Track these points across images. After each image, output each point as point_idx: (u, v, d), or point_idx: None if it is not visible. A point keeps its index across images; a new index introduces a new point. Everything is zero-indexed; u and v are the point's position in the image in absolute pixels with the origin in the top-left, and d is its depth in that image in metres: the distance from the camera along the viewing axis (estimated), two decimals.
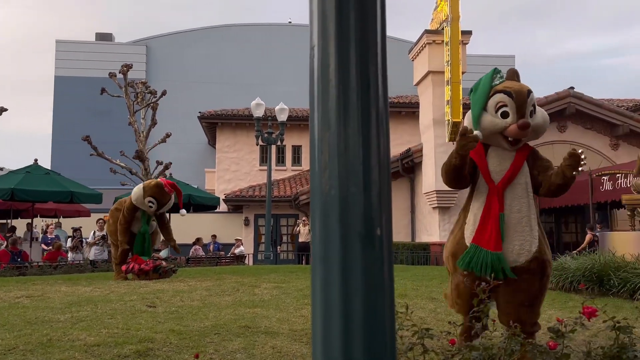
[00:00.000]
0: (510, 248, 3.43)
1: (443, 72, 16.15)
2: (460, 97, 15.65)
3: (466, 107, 20.51)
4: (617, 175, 12.98)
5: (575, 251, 12.40)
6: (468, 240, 3.52)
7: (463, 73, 16.00)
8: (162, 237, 17.59)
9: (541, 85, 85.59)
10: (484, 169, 3.63)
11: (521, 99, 3.58)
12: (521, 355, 2.43)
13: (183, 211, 9.51)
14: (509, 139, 3.56)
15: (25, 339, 3.65)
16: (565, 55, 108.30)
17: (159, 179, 8.60)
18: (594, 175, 13.58)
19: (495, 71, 3.74)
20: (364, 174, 1.32)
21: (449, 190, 16.48)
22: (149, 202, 8.23)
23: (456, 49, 15.68)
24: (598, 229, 14.03)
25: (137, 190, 8.42)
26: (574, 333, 2.61)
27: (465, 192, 4.05)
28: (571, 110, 17.09)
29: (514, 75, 3.79)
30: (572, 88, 17.47)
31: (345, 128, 1.33)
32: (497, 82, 3.66)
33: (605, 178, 13.90)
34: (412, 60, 18.01)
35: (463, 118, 15.91)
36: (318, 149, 1.36)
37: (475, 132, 3.47)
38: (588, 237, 13.38)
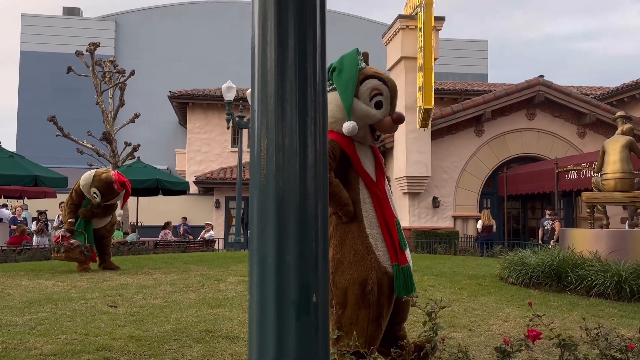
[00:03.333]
0: (409, 256, 3.18)
1: (416, 58, 16.18)
2: (432, 84, 15.71)
3: (438, 93, 20.57)
4: (582, 167, 13.28)
5: (553, 241, 12.72)
6: (385, 262, 3.04)
7: (435, 59, 16.05)
8: (130, 221, 17.42)
9: (516, 68, 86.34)
10: (363, 172, 3.15)
11: (394, 88, 3.28)
12: None
13: (120, 212, 9.20)
14: (377, 133, 3.22)
15: None
16: (541, 39, 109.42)
17: (111, 173, 8.25)
18: (559, 171, 13.87)
19: (358, 52, 3.33)
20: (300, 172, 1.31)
21: (419, 176, 16.67)
22: (94, 192, 7.98)
23: (429, 35, 15.69)
24: (549, 217, 14.42)
25: (87, 176, 8.10)
26: (520, 352, 2.68)
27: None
28: (540, 98, 17.33)
29: (367, 59, 3.41)
30: (542, 76, 17.70)
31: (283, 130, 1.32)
32: (363, 66, 3.28)
33: (571, 166, 14.22)
34: (386, 45, 17.97)
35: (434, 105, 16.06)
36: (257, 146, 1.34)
37: (350, 124, 3.07)
38: (557, 225, 13.70)
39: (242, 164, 15.83)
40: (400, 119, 3.17)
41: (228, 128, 17.57)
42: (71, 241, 7.81)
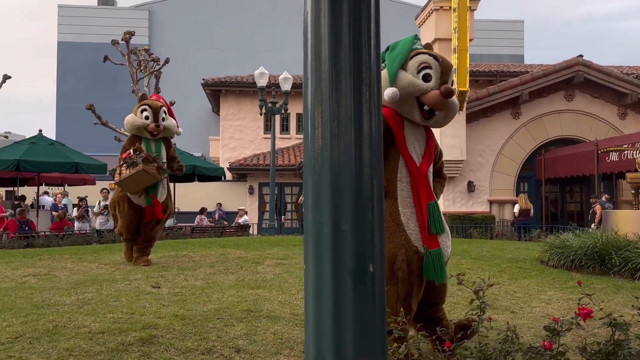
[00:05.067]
0: (444, 242, 3.15)
1: (450, 40, 15.89)
2: (467, 66, 15.43)
3: (473, 75, 20.14)
4: (624, 147, 12.88)
5: (593, 225, 12.41)
6: (416, 241, 3.04)
7: (470, 40, 15.74)
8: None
9: (554, 50, 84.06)
10: (405, 150, 3.13)
11: (447, 65, 3.23)
12: None
13: (180, 130, 7.38)
14: (424, 108, 3.15)
15: (32, 325, 3.72)
16: (581, 18, 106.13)
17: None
18: (601, 151, 13.48)
19: (416, 37, 3.37)
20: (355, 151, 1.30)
21: (454, 160, 16.43)
22: (143, 110, 6.86)
23: (464, 16, 15.38)
24: (603, 199, 13.97)
25: (127, 117, 7.03)
26: (570, 331, 2.63)
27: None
28: (579, 78, 16.84)
29: (430, 48, 3.44)
30: (581, 56, 17.17)
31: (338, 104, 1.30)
32: (419, 47, 3.31)
33: (613, 147, 13.81)
34: (419, 27, 17.70)
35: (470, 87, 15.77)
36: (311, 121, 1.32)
37: (390, 90, 3.03)
38: (598, 208, 13.34)
39: (275, 150, 15.89)
40: (449, 92, 3.07)
41: (261, 114, 17.62)
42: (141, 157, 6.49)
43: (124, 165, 6.53)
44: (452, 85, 3.25)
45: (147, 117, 6.82)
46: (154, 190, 6.71)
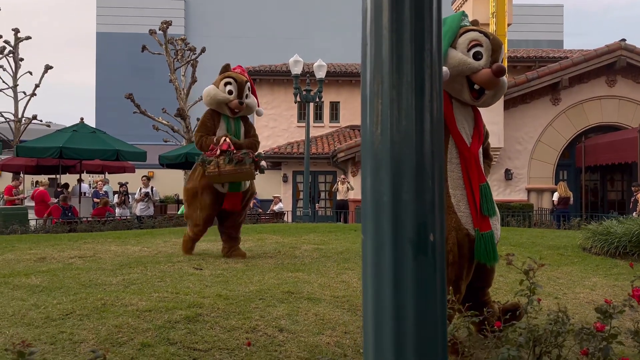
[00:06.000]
0: (494, 224, 3.09)
1: (488, 25, 15.58)
2: (506, 51, 15.13)
3: (511, 61, 19.74)
4: None
5: (635, 213, 12.07)
6: (467, 223, 2.99)
7: (509, 25, 15.44)
8: None
9: (595, 36, 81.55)
10: (455, 130, 3.07)
11: (497, 42, 3.12)
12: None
13: (261, 110, 6.59)
14: (475, 87, 3.06)
15: (81, 303, 3.84)
16: (622, 3, 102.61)
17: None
18: None
19: (464, 14, 3.29)
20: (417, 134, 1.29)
21: (492, 147, 16.12)
22: (227, 84, 6.01)
23: (502, 0, 15.06)
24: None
25: (208, 89, 6.13)
26: (622, 314, 2.57)
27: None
28: (622, 63, 16.33)
29: (477, 25, 3.34)
30: (624, 40, 16.63)
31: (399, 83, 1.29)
32: (467, 24, 3.23)
33: None
34: (455, 12, 17.39)
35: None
36: (370, 103, 1.32)
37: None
38: None
39: (309, 139, 15.91)
40: (500, 71, 2.99)
41: (295, 102, 17.69)
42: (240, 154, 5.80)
43: (225, 158, 5.73)
44: (502, 63, 3.17)
45: (230, 92, 5.99)
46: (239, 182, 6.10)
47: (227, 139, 5.91)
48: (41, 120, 21.88)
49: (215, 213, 6.17)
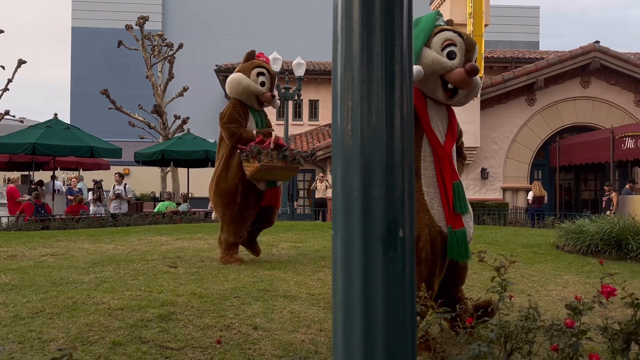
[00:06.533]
0: (467, 222, 3.12)
1: (465, 25, 15.72)
2: (482, 52, 15.28)
3: (487, 61, 19.87)
4: None
5: (610, 212, 12.29)
6: (439, 221, 3.01)
7: (486, 26, 15.58)
8: (181, 192, 17.79)
9: (571, 37, 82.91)
10: (429, 129, 3.08)
11: (471, 42, 3.15)
12: None
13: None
14: (449, 86, 3.09)
15: (51, 301, 3.77)
16: (597, 5, 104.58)
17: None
18: (617, 137, 13.32)
19: (438, 13, 3.31)
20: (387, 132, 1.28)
21: (467, 146, 16.24)
22: (260, 74, 5.53)
23: (479, 1, 15.21)
24: (627, 187, 13.78)
25: (238, 78, 5.54)
26: (592, 310, 2.61)
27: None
28: (596, 65, 16.63)
29: (452, 24, 3.36)
30: (598, 42, 16.93)
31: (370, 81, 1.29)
32: (441, 23, 3.25)
33: (630, 132, 13.64)
34: (433, 11, 17.51)
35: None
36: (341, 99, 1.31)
37: (415, 67, 2.96)
38: (614, 195, 13.22)
39: (288, 137, 15.87)
40: (474, 70, 3.02)
41: None
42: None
43: (280, 154, 5.34)
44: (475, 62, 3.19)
45: (262, 84, 5.54)
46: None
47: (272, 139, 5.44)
48: (14, 116, 21.43)
49: (257, 211, 5.65)
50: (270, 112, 23.12)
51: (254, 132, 5.47)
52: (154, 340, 3.18)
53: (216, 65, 23.44)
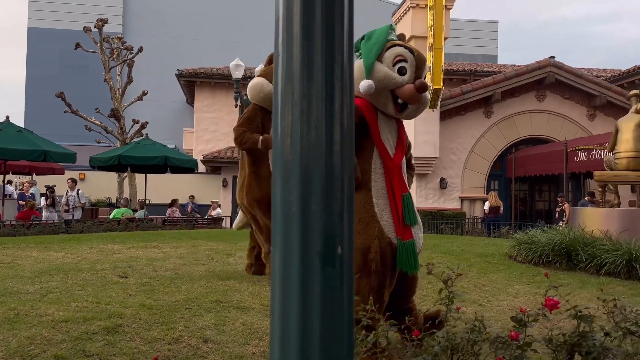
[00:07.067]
0: (417, 233, 3.16)
1: (426, 38, 15.99)
2: (442, 64, 15.56)
3: (447, 74, 20.22)
4: (593, 146, 13.16)
5: (562, 223, 12.63)
6: (389, 232, 3.04)
7: (446, 39, 15.87)
8: (138, 198, 17.42)
9: (531, 51, 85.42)
10: (379, 141, 3.13)
11: (421, 58, 3.22)
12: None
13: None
14: (398, 101, 3.15)
15: None
16: (558, 21, 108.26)
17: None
18: (570, 150, 13.75)
19: (391, 27, 3.34)
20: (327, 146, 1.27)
21: (427, 156, 16.57)
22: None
23: (440, 14, 15.49)
24: (585, 199, 14.23)
25: (261, 82, 5.32)
26: (536, 322, 2.65)
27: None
28: (551, 79, 17.14)
29: (404, 39, 3.39)
30: (553, 57, 17.48)
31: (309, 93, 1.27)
32: (393, 38, 3.29)
33: (582, 146, 14.10)
34: (396, 24, 17.76)
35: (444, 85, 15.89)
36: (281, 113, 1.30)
37: (366, 82, 3.02)
38: (567, 206, 13.61)
39: None
40: (423, 87, 3.08)
41: (236, 106, 17.47)
42: None
43: None
44: (425, 79, 3.25)
45: None
46: None
47: None
48: None
49: None
50: (233, 117, 22.99)
51: (259, 137, 5.20)
52: (98, 354, 3.08)
53: (177, 69, 23.14)
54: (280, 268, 1.31)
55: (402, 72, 3.12)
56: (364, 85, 3.04)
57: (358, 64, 3.16)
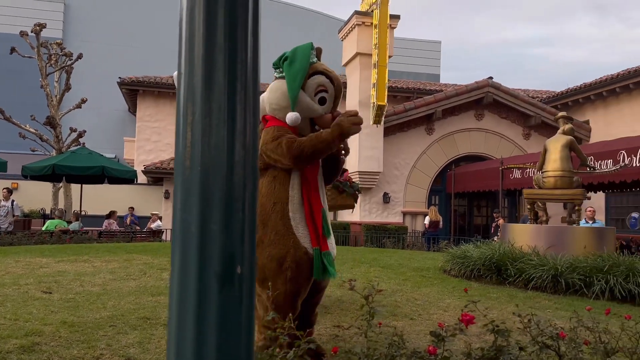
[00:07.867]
0: (331, 244, 3.32)
1: (371, 55, 16.29)
2: (386, 81, 15.87)
3: (391, 91, 20.65)
4: (526, 165, 13.71)
5: (497, 237, 13.03)
6: (305, 243, 3.15)
7: (390, 57, 16.21)
8: (74, 209, 16.81)
9: (473, 71, 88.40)
10: None
11: (340, 88, 3.39)
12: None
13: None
14: (315, 127, 3.33)
15: None
16: (500, 43, 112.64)
17: None
18: (504, 167, 14.28)
19: (312, 46, 3.39)
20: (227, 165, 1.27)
21: (371, 171, 16.81)
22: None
23: (384, 33, 15.83)
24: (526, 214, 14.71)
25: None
26: (455, 337, 2.72)
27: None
28: (489, 99, 17.78)
29: (320, 55, 3.46)
30: (491, 78, 18.16)
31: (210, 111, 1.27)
32: (315, 60, 3.36)
33: (515, 164, 14.66)
34: (342, 40, 18.02)
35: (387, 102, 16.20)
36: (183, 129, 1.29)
37: (293, 114, 3.14)
38: (501, 222, 14.07)
39: None
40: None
41: None
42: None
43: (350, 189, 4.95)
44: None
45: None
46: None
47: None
48: None
49: None
50: None
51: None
52: None
53: (119, 77, 22.60)
54: (177, 289, 1.29)
55: (322, 102, 3.30)
56: (290, 117, 3.16)
57: (280, 86, 3.27)
